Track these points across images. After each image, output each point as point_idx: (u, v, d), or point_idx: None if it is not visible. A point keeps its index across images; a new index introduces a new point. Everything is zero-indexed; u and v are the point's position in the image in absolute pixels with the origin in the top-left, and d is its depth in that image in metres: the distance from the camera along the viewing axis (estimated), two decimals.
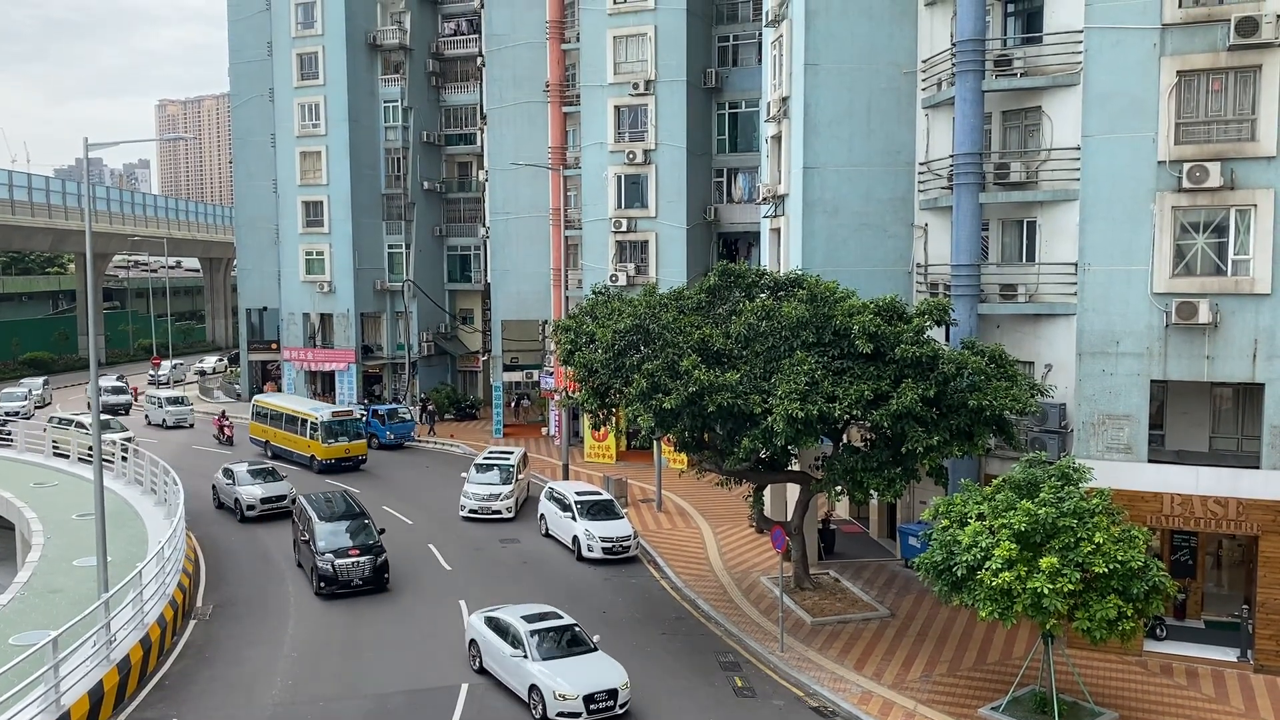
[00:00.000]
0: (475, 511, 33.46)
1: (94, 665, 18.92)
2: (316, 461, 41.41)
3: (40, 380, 68.60)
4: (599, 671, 19.27)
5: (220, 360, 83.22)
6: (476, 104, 57.00)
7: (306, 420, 42.20)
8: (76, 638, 18.75)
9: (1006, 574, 16.77)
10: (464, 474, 35.86)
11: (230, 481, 34.44)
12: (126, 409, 60.04)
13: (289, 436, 43.29)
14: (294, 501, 30.95)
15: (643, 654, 22.14)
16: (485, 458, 35.93)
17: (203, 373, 78.56)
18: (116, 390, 62.83)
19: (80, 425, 42.78)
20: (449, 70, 59.45)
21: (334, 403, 54.55)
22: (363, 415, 45.67)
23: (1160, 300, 21.14)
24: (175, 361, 77.83)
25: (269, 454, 43.97)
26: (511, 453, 36.33)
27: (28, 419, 50.78)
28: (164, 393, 56.76)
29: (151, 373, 74.62)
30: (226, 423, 49.26)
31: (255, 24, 59.93)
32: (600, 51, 43.00)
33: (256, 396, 49.38)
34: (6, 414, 53.17)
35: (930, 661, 21.68)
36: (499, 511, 33.40)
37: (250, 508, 33.30)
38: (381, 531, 27.33)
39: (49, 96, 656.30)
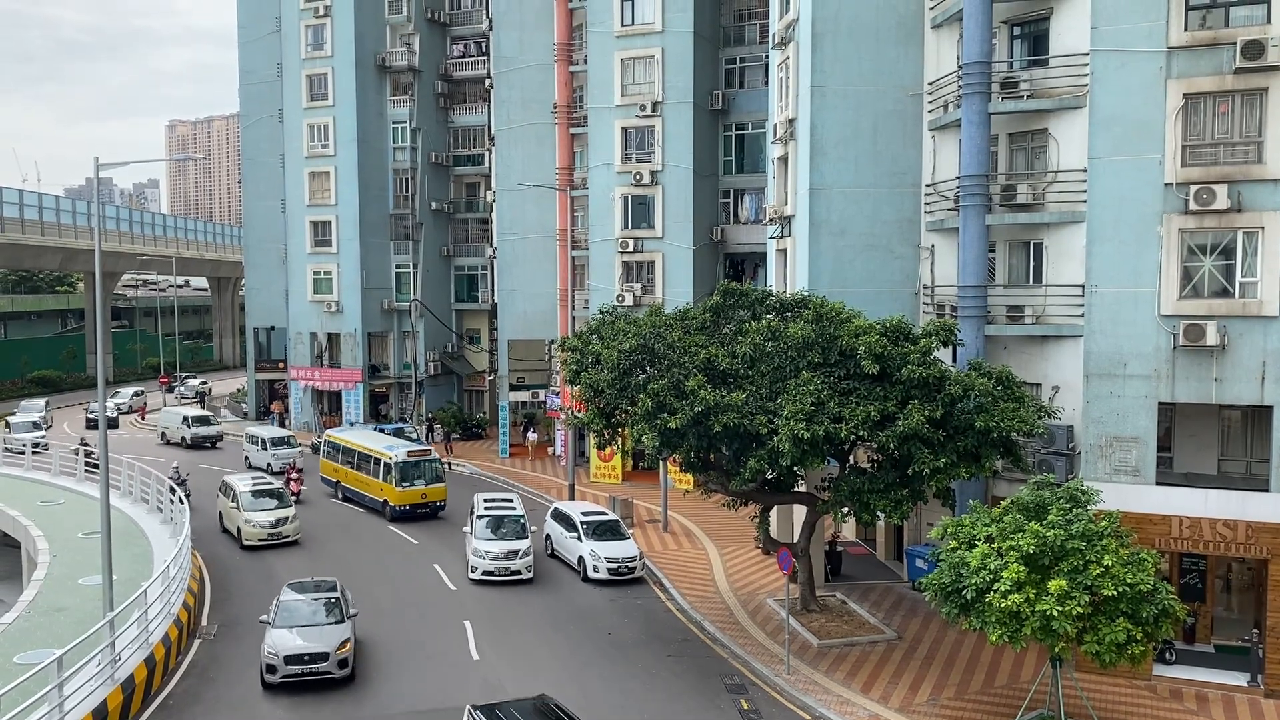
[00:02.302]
0: (491, 573, 28.63)
1: (98, 684, 18.88)
2: (389, 508, 36.49)
3: (41, 402, 65.01)
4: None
5: (204, 384, 77.40)
6: (484, 125, 57.33)
7: (380, 460, 37.43)
8: (81, 656, 18.76)
9: (1015, 596, 16.68)
10: (465, 529, 31.12)
11: (270, 615, 22.48)
12: (215, 441, 53.50)
13: (360, 478, 38.75)
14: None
15: (648, 676, 22.04)
16: (487, 508, 30.69)
17: (202, 395, 73.44)
18: (201, 420, 54.30)
19: (236, 500, 33.51)
20: (457, 92, 59.84)
21: (340, 422, 54.72)
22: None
23: (1168, 322, 21.11)
24: (136, 389, 70.57)
25: (339, 495, 40.14)
26: (512, 499, 32.11)
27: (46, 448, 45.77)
28: (266, 432, 47.74)
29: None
30: (296, 474, 39.87)
31: (265, 45, 60.40)
32: (608, 73, 43.26)
33: (328, 431, 44.84)
34: (23, 444, 49.10)
35: (937, 685, 21.54)
36: (519, 572, 28.72)
37: (270, 669, 20.95)
38: None
39: (60, 117, 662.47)
